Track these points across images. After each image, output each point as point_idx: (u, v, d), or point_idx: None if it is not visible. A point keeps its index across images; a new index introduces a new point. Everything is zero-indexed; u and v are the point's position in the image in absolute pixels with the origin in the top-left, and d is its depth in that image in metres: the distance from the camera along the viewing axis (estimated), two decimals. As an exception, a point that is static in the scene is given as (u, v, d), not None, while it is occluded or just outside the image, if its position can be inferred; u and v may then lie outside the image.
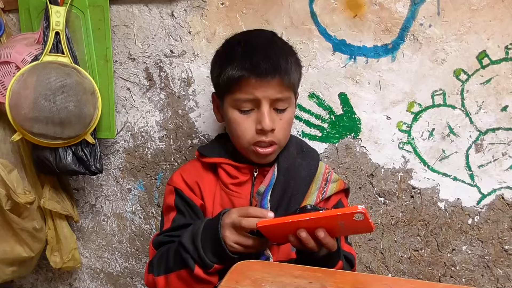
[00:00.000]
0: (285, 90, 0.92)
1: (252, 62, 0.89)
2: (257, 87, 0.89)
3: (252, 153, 0.95)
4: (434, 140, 1.10)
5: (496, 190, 1.08)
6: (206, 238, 0.85)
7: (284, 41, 1.02)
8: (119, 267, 1.49)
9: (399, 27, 1.06)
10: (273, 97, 0.90)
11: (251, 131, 0.93)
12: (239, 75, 0.89)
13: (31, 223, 1.32)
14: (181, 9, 1.21)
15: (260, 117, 0.91)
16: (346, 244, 1.01)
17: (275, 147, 0.95)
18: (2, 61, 1.19)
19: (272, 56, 0.90)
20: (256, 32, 1.05)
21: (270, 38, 0.99)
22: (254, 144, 0.93)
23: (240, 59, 0.90)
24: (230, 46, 0.98)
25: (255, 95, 0.90)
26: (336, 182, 1.02)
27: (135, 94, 1.32)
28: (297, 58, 0.98)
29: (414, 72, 1.08)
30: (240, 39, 0.99)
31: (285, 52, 0.94)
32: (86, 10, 1.22)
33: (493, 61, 1.03)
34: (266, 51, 0.92)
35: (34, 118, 1.14)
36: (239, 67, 0.89)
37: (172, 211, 1.01)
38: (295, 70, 0.95)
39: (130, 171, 1.39)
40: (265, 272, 0.69)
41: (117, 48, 1.30)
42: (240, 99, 0.92)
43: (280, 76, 0.90)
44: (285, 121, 0.94)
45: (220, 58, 0.98)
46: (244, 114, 0.93)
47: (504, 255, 1.10)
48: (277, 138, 0.94)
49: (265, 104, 0.90)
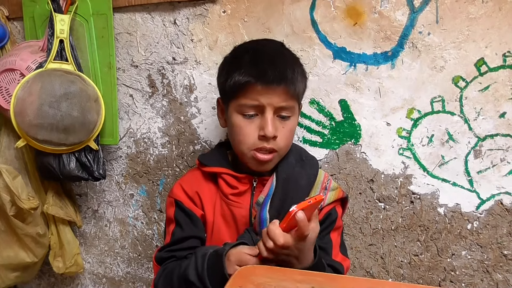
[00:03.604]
0: (289, 99, 0.93)
1: (259, 69, 0.91)
2: (263, 94, 0.91)
3: (252, 159, 0.96)
4: (434, 146, 1.11)
5: (495, 195, 1.09)
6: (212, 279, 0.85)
7: (291, 52, 1.03)
8: (121, 272, 1.49)
9: (398, 35, 1.08)
10: (277, 105, 0.92)
11: (253, 136, 0.94)
12: (246, 80, 0.91)
13: (34, 228, 1.33)
14: (184, 17, 1.22)
15: (263, 123, 0.92)
16: (339, 254, 1.01)
17: (274, 155, 0.96)
18: (7, 69, 1.21)
19: (279, 65, 0.92)
20: (264, 42, 1.07)
21: (278, 48, 1.01)
22: (255, 149, 0.94)
23: (248, 66, 0.92)
24: (239, 53, 1.00)
25: (260, 101, 0.91)
26: (334, 190, 1.02)
27: (137, 100, 1.34)
28: (303, 70, 1.00)
29: (414, 79, 1.09)
30: (248, 47, 1.01)
31: (292, 62, 0.96)
32: (90, 18, 1.24)
33: (491, 68, 1.04)
34: (273, 59, 0.93)
35: (38, 124, 1.16)
36: (246, 73, 0.91)
37: (172, 223, 1.03)
38: (301, 81, 0.96)
39: (132, 177, 1.40)
40: (268, 277, 0.70)
41: (120, 56, 1.31)
42: (245, 104, 0.93)
43: (285, 85, 0.91)
44: (287, 129, 0.96)
45: (228, 64, 1.00)
46: (247, 119, 0.94)
47: (503, 260, 1.11)
48: (278, 146, 0.95)
49: (269, 111, 0.92)
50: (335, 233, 1.02)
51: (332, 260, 0.97)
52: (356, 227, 1.20)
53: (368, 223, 1.19)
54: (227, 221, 1.00)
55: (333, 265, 0.96)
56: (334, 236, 1.01)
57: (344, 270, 0.98)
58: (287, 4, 1.13)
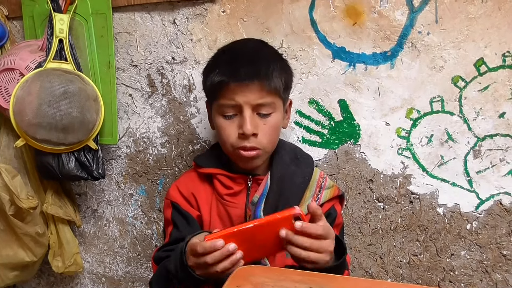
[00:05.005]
0: (266, 95, 0.92)
1: (232, 68, 0.91)
2: (237, 92, 0.91)
3: (237, 157, 0.96)
4: (433, 146, 1.11)
5: (494, 195, 1.09)
6: (181, 267, 0.85)
7: (272, 49, 1.03)
8: (121, 272, 1.50)
9: (398, 34, 1.08)
10: (254, 102, 0.91)
11: (234, 135, 0.94)
12: (219, 80, 0.91)
13: (34, 228, 1.33)
14: (183, 17, 1.22)
15: (241, 121, 0.92)
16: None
17: (259, 151, 0.95)
18: (6, 68, 1.21)
19: (253, 62, 0.92)
20: (243, 41, 1.08)
21: (255, 46, 1.01)
22: (238, 148, 0.94)
23: (222, 66, 0.93)
24: (217, 54, 1.02)
25: (236, 100, 0.91)
26: (330, 188, 1.02)
27: (137, 100, 1.34)
28: (283, 65, 0.99)
29: (413, 79, 1.09)
30: (225, 48, 1.02)
31: (267, 58, 0.95)
32: (89, 18, 1.24)
33: (490, 68, 1.04)
34: (247, 57, 0.94)
35: (37, 124, 1.16)
36: (220, 73, 0.92)
37: (170, 225, 1.03)
38: (278, 76, 0.93)
39: (132, 176, 1.40)
40: (266, 277, 0.70)
41: (120, 55, 1.31)
42: (223, 104, 0.93)
43: (259, 81, 0.90)
44: (269, 126, 0.95)
45: (207, 66, 1.01)
46: (227, 119, 0.95)
47: (503, 260, 1.11)
48: (260, 143, 0.94)
49: (247, 109, 0.91)
50: (335, 230, 1.01)
51: None
52: (355, 227, 1.20)
53: (367, 223, 1.19)
54: (223, 221, 1.00)
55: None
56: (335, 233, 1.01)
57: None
58: (286, 3, 1.13)
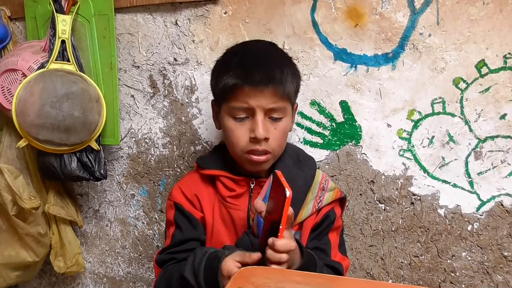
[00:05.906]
0: (279, 100, 0.92)
1: (246, 71, 0.91)
2: (251, 96, 0.90)
3: (246, 161, 0.96)
4: (434, 148, 1.11)
5: (495, 197, 1.09)
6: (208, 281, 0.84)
7: (283, 52, 1.03)
8: (122, 272, 1.50)
9: (399, 36, 1.08)
10: (267, 106, 0.91)
11: (245, 139, 0.93)
12: (233, 83, 0.91)
13: (36, 228, 1.33)
14: (185, 18, 1.23)
15: (253, 125, 0.92)
16: (338, 254, 1.01)
17: (269, 156, 0.95)
18: (9, 69, 1.21)
19: (267, 65, 0.92)
20: (254, 43, 1.07)
21: (267, 48, 1.01)
22: (248, 152, 0.94)
23: (236, 69, 0.92)
24: (228, 56, 1.00)
25: (249, 104, 0.91)
26: (332, 191, 1.02)
27: (139, 101, 1.34)
28: (294, 69, 0.99)
29: (414, 80, 1.09)
30: (237, 49, 1.01)
31: (281, 63, 0.95)
32: (91, 19, 1.24)
33: (491, 70, 1.04)
34: (261, 61, 0.93)
35: (40, 124, 1.16)
36: (234, 76, 0.91)
37: (172, 226, 1.03)
38: (291, 81, 0.94)
39: (133, 177, 1.40)
40: (267, 278, 0.70)
41: (122, 56, 1.32)
42: (235, 107, 0.93)
43: (274, 86, 0.90)
44: (279, 130, 0.95)
45: (218, 67, 1.00)
46: (238, 121, 0.94)
47: (504, 262, 1.11)
48: (271, 147, 0.94)
49: (259, 113, 0.91)
50: (334, 233, 1.02)
51: (331, 260, 0.97)
52: (357, 228, 1.21)
53: (369, 224, 1.19)
54: (226, 223, 1.00)
55: (332, 265, 0.96)
56: (333, 236, 1.01)
57: (344, 269, 0.99)
58: (288, 5, 1.13)
